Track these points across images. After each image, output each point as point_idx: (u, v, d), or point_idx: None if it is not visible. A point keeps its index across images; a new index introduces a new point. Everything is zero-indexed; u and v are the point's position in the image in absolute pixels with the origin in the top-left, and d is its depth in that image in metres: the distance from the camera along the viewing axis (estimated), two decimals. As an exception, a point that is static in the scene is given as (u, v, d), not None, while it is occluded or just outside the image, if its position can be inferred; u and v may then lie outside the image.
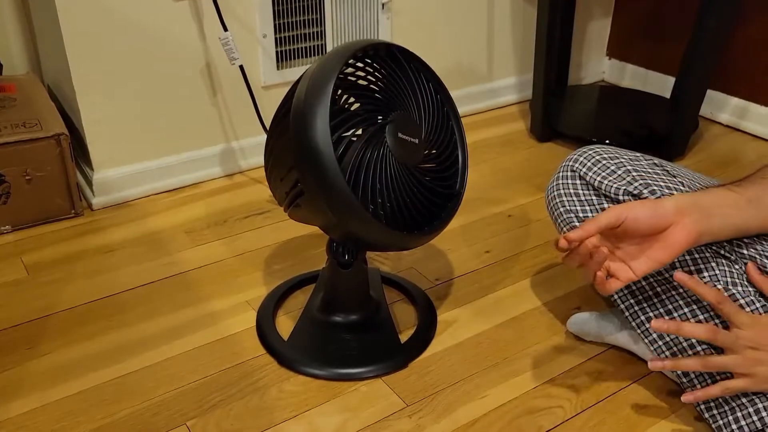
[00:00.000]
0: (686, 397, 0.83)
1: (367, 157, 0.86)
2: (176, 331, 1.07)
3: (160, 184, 1.45)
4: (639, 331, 0.91)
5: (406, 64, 0.93)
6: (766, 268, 0.84)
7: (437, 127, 0.95)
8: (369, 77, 0.91)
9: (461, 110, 1.83)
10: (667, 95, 1.84)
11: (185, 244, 1.29)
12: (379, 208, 0.88)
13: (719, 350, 0.82)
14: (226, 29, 1.34)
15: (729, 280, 0.84)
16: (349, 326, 1.04)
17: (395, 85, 0.91)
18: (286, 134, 0.87)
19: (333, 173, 0.82)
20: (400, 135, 0.88)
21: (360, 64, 0.90)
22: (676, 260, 0.86)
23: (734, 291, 0.83)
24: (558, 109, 1.80)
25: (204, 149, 1.49)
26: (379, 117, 0.88)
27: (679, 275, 0.79)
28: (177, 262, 1.24)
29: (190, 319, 1.10)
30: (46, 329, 1.07)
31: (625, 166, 0.94)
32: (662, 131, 1.65)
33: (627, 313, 0.92)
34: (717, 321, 0.84)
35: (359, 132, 0.88)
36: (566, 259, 0.79)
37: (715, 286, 0.83)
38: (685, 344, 0.87)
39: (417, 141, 0.90)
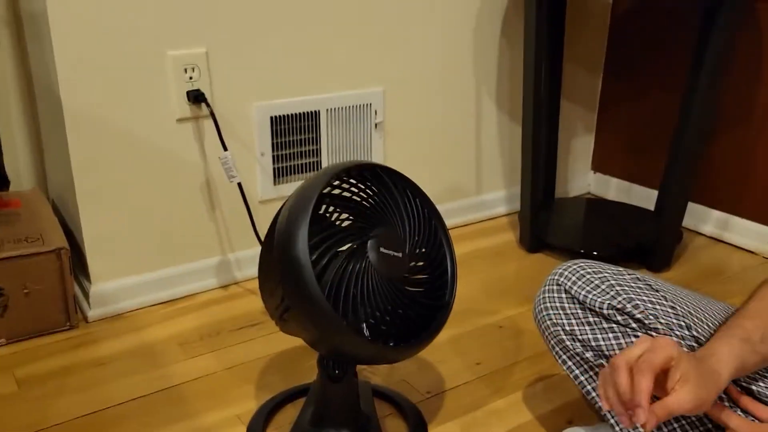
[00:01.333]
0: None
1: (348, 272, 0.89)
2: (165, 447, 1.06)
3: (156, 295, 1.48)
4: (629, 446, 0.91)
5: (390, 182, 0.98)
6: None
7: (425, 241, 0.99)
8: (354, 196, 0.96)
9: (452, 222, 1.88)
10: (652, 207, 1.90)
11: (178, 356, 1.30)
12: (363, 322, 0.90)
13: None
14: (225, 149, 1.42)
15: None
16: (339, 441, 1.03)
17: (379, 203, 0.96)
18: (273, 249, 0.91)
19: (312, 287, 0.85)
20: (382, 250, 0.92)
21: (345, 185, 0.95)
22: None
23: None
24: (546, 221, 1.85)
25: (200, 261, 1.53)
26: (362, 233, 0.92)
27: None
28: (169, 375, 1.24)
29: (180, 435, 1.09)
30: (33, 446, 1.06)
31: (608, 280, 0.97)
32: (647, 243, 1.70)
33: (617, 428, 0.92)
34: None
35: (344, 248, 0.92)
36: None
37: None
38: (675, 460, 0.86)
39: (401, 254, 0.94)
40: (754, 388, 0.84)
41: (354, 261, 0.90)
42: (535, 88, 1.64)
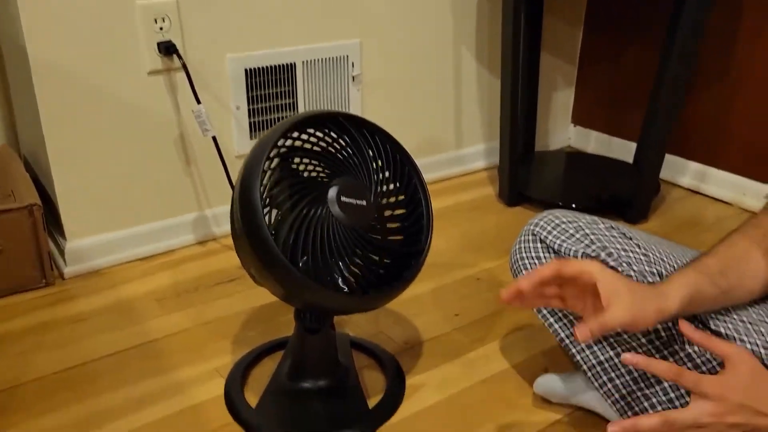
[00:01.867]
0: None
1: (306, 223, 0.89)
2: (143, 400, 1.06)
3: (132, 252, 1.46)
4: (602, 391, 0.92)
5: (356, 130, 0.96)
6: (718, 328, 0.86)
7: (397, 187, 0.98)
8: (314, 147, 0.95)
9: (431, 176, 1.87)
10: (630, 160, 1.90)
11: (156, 312, 1.29)
12: (329, 274, 0.90)
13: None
14: (199, 102, 1.39)
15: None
16: (317, 392, 1.04)
17: (341, 152, 0.95)
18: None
19: (267, 241, 0.86)
20: (344, 199, 0.91)
21: (305, 136, 0.94)
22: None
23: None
24: (526, 175, 1.85)
25: (177, 217, 1.51)
26: (323, 183, 0.92)
27: (628, 357, 0.77)
28: (147, 331, 1.24)
29: (158, 389, 1.09)
30: (12, 401, 1.06)
31: (583, 229, 0.98)
32: (626, 195, 1.71)
33: (590, 374, 0.93)
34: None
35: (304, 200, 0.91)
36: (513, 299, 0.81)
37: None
38: (646, 404, 0.88)
39: (365, 203, 0.93)
40: (722, 330, 0.85)
41: (313, 212, 0.90)
42: (514, 41, 1.61)
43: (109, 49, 1.32)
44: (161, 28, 1.35)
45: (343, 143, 0.96)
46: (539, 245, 1.00)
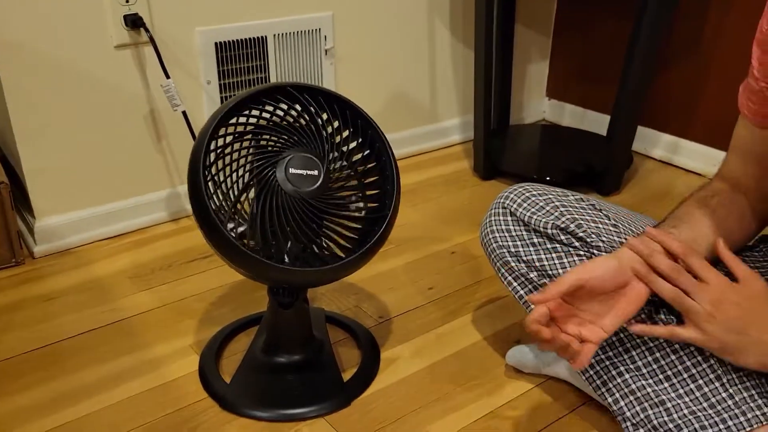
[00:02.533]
0: (634, 328, 0.81)
1: (256, 200, 0.89)
2: (116, 378, 1.06)
3: (104, 230, 1.45)
4: (571, 360, 0.94)
5: (309, 99, 0.94)
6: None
7: (361, 153, 0.96)
8: (267, 121, 0.95)
9: (406, 150, 1.87)
10: (604, 133, 1.92)
11: (129, 290, 1.29)
12: (285, 247, 0.90)
13: (661, 372, 0.84)
14: (168, 77, 1.37)
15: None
16: (292, 367, 1.05)
17: (293, 123, 0.94)
18: None
19: (210, 218, 0.88)
20: (292, 170, 0.90)
21: (255, 111, 0.93)
22: None
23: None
24: (501, 148, 1.85)
25: (149, 194, 1.50)
26: (272, 156, 0.91)
27: (650, 230, 0.81)
28: (119, 309, 1.23)
29: (132, 366, 1.09)
30: (-19, 381, 1.05)
31: (553, 202, 0.98)
32: (599, 167, 1.72)
33: (560, 344, 0.95)
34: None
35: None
36: (536, 336, 0.78)
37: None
38: (614, 372, 0.89)
39: (316, 172, 0.92)
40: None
41: (262, 188, 0.90)
42: (488, 13, 1.60)
43: (74, 23, 1.29)
44: (127, 1, 1.32)
45: (296, 114, 0.95)
46: (509, 218, 1.00)
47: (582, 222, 0.94)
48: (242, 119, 0.93)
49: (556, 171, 1.75)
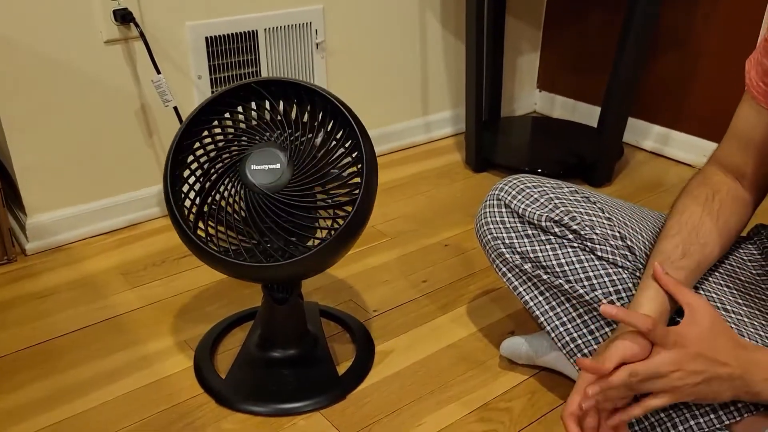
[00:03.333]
0: (612, 420, 0.81)
1: (218, 198, 0.91)
2: (111, 375, 1.06)
3: (96, 226, 1.44)
4: (564, 351, 0.94)
5: (275, 93, 0.94)
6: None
7: (323, 144, 0.94)
8: (231, 120, 0.95)
9: (398, 144, 1.87)
10: (595, 125, 1.92)
11: (122, 286, 1.28)
12: (254, 242, 0.91)
13: None
14: (159, 72, 1.36)
15: None
16: (287, 361, 1.05)
17: (257, 120, 0.94)
18: None
19: (181, 220, 0.91)
20: (254, 167, 0.90)
21: (226, 114, 0.95)
22: None
23: None
24: (492, 141, 1.86)
25: (141, 190, 1.49)
26: (235, 154, 0.92)
27: (606, 308, 0.77)
28: (113, 305, 1.23)
29: (126, 363, 1.09)
30: (-25, 380, 1.05)
31: (547, 194, 0.98)
32: (590, 159, 1.72)
33: (553, 335, 0.95)
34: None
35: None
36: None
37: None
38: (607, 362, 0.90)
39: (278, 165, 0.91)
40: None
41: (227, 188, 0.91)
42: (479, 5, 1.60)
43: (63, 19, 1.28)
44: (116, -4, 1.31)
45: (260, 110, 0.95)
46: (504, 210, 1.00)
47: (576, 215, 0.94)
48: (214, 122, 0.95)
49: (547, 163, 1.75)
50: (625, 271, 0.91)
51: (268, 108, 0.94)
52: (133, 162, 1.46)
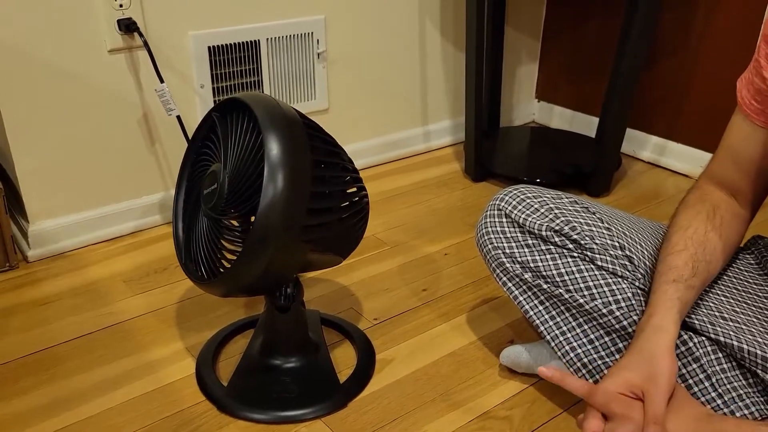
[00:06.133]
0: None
1: (191, 229, 0.98)
2: (114, 381, 1.07)
3: (98, 233, 1.45)
4: (564, 360, 0.95)
5: (227, 115, 0.95)
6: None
7: (246, 153, 0.90)
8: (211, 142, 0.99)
9: (397, 153, 1.88)
10: (593, 135, 1.94)
11: (124, 293, 1.29)
12: (198, 263, 0.96)
13: None
14: (162, 81, 1.37)
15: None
16: (288, 369, 1.06)
17: (220, 140, 0.95)
18: None
19: (177, 243, 1.00)
20: (205, 191, 0.92)
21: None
22: None
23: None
24: (491, 150, 1.87)
25: (143, 198, 1.50)
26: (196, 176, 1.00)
27: (543, 370, 0.80)
28: (115, 312, 1.23)
29: (129, 369, 1.09)
30: (-22, 386, 1.05)
31: (547, 204, 1.00)
32: (588, 169, 1.74)
33: (553, 344, 0.96)
34: None
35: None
36: None
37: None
38: (606, 371, 0.91)
39: (215, 186, 0.90)
40: (696, 321, 0.87)
41: (195, 214, 0.97)
42: (479, 16, 1.62)
43: (68, 28, 1.30)
44: (121, 6, 1.32)
45: (213, 137, 0.97)
46: (504, 220, 1.02)
47: (576, 224, 0.95)
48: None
49: (546, 173, 1.77)
50: (625, 281, 0.92)
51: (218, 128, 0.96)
52: (135, 170, 1.47)
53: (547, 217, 0.98)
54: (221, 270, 0.94)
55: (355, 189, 0.99)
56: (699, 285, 0.85)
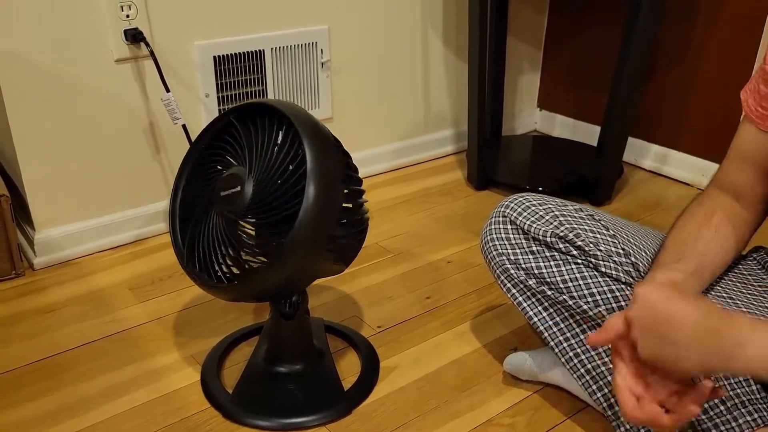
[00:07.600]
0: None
1: (198, 231, 0.96)
2: (119, 389, 1.07)
3: (103, 241, 1.46)
4: (568, 367, 0.96)
5: (255, 117, 0.95)
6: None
7: (282, 158, 0.91)
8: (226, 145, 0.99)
9: (400, 162, 1.89)
10: (595, 144, 1.95)
11: (129, 300, 1.29)
12: (214, 266, 0.96)
13: None
14: (168, 90, 1.38)
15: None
16: (293, 376, 1.06)
17: (236, 144, 0.96)
18: None
19: (176, 248, 1.00)
20: (222, 193, 0.93)
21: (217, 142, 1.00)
22: None
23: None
24: (494, 159, 1.88)
25: (148, 206, 1.51)
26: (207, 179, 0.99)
27: (593, 336, 0.76)
28: (120, 320, 1.24)
29: (134, 377, 1.10)
30: (-16, 393, 1.06)
31: (552, 211, 1.00)
32: (590, 177, 1.75)
33: (557, 350, 0.97)
34: None
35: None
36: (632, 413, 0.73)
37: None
38: (609, 378, 0.92)
39: (239, 188, 0.91)
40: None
41: (204, 215, 0.96)
42: (481, 25, 1.63)
43: (76, 38, 1.31)
44: (128, 16, 1.34)
45: (231, 139, 0.97)
46: (509, 226, 1.02)
47: (580, 231, 0.96)
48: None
49: (548, 181, 1.77)
50: (629, 288, 0.92)
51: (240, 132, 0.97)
52: (141, 178, 1.48)
53: (551, 223, 0.98)
54: (234, 273, 0.94)
55: (362, 199, 1.00)
56: (689, 269, 0.82)
